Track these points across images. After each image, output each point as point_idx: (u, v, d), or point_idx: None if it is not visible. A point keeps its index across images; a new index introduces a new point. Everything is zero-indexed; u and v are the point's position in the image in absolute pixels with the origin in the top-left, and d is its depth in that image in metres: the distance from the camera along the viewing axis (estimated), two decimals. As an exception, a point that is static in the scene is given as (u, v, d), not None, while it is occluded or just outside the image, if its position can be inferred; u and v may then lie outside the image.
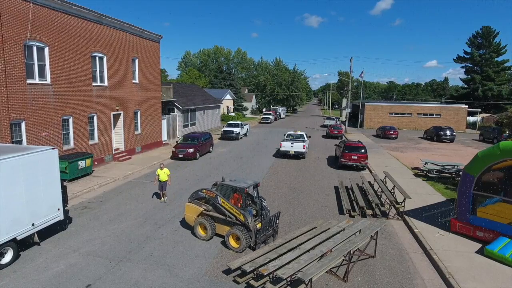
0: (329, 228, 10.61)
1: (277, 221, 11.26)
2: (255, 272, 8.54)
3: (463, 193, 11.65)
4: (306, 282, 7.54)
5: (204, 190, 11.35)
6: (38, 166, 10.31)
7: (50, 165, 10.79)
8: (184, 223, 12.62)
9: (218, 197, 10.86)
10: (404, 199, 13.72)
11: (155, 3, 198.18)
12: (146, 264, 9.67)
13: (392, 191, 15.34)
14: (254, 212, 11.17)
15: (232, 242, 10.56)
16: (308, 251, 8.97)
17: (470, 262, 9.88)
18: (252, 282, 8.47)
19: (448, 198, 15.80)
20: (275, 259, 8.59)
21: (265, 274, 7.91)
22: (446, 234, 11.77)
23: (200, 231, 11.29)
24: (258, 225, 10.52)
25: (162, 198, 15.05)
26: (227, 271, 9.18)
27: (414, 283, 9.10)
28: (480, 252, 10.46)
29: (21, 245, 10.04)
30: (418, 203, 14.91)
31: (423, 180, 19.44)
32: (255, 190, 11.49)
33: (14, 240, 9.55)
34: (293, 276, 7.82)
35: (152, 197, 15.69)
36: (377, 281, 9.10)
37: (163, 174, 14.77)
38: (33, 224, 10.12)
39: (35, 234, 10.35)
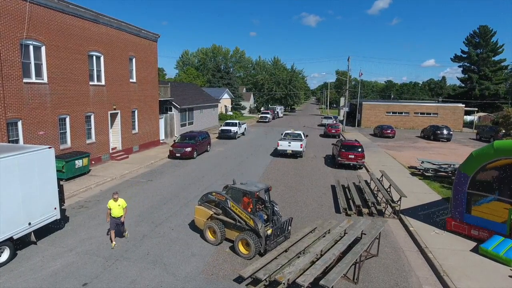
0: (329, 229, 10.59)
1: (289, 227, 10.89)
2: (267, 279, 8.06)
3: (458, 192, 11.74)
4: None
5: (214, 193, 10.95)
6: (34, 165, 10.32)
7: (46, 164, 10.79)
8: (181, 222, 12.67)
9: (228, 200, 10.50)
10: (400, 197, 13.81)
11: (153, 2, 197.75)
12: (143, 263, 9.70)
13: (388, 190, 15.42)
14: (265, 217, 10.83)
15: (241, 248, 10.17)
16: (320, 255, 8.81)
17: (465, 260, 9.97)
18: None
19: (444, 197, 15.89)
20: (288, 265, 8.28)
21: (283, 282, 7.54)
22: (442, 233, 11.85)
23: (209, 235, 10.94)
24: (269, 231, 10.10)
25: (114, 242, 10.62)
26: (238, 279, 8.88)
27: (409, 281, 9.17)
28: (474, 250, 10.54)
29: (17, 244, 10.07)
30: (414, 202, 14.99)
31: (419, 179, 19.53)
32: (267, 194, 11.05)
33: (10, 239, 9.57)
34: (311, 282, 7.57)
35: (149, 196, 15.71)
36: (373, 279, 9.17)
37: (117, 207, 10.63)
38: (29, 223, 10.13)
39: (32, 233, 10.36)
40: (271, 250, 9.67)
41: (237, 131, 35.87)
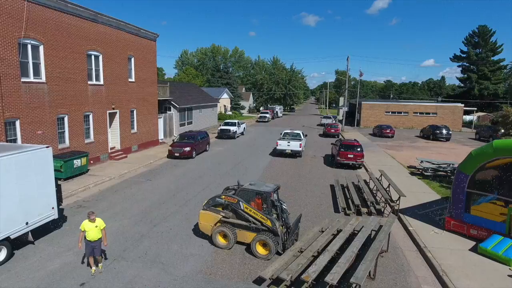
0: (339, 228, 10.69)
1: (299, 224, 10.95)
2: (289, 279, 8.05)
3: (457, 192, 11.71)
4: (361, 285, 7.40)
5: (223, 196, 10.59)
6: (31, 164, 10.27)
7: (44, 163, 10.75)
8: (180, 222, 12.64)
9: (240, 202, 10.26)
10: (399, 197, 13.80)
11: (152, 1, 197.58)
12: (141, 262, 9.66)
13: (387, 189, 15.41)
14: (275, 215, 10.78)
15: (259, 250, 10.07)
16: (336, 253, 8.95)
17: (464, 260, 9.95)
18: None
19: (443, 196, 15.87)
20: (310, 264, 8.34)
21: (308, 281, 7.58)
22: (441, 232, 11.83)
23: (220, 240, 10.58)
24: (282, 229, 10.24)
25: (93, 268, 9.06)
26: (258, 281, 8.84)
27: (408, 280, 9.15)
28: (473, 249, 10.52)
29: (15, 244, 10.01)
30: (413, 201, 14.97)
31: (418, 178, 19.51)
32: (276, 193, 11.04)
33: (7, 239, 9.51)
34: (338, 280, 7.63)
35: (148, 196, 15.67)
36: (371, 278, 9.13)
37: (94, 230, 8.84)
38: (26, 223, 10.08)
39: (29, 233, 10.31)
40: (289, 248, 9.77)
41: (236, 131, 35.85)
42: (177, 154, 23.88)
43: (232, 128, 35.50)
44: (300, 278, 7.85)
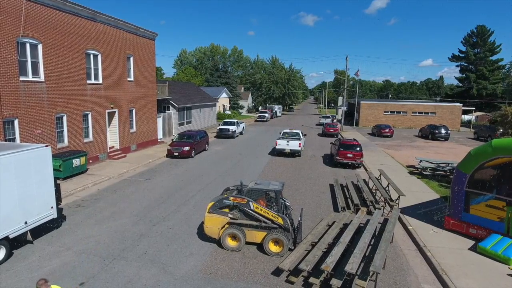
0: (346, 222, 11.08)
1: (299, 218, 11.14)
2: (307, 270, 8.49)
3: (456, 191, 11.72)
4: (379, 273, 7.99)
5: (231, 198, 10.42)
6: (30, 163, 10.23)
7: (43, 162, 10.71)
8: (179, 221, 12.61)
9: (250, 203, 10.22)
10: (399, 196, 13.82)
11: (151, 1, 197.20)
12: (140, 262, 9.64)
13: (387, 188, 15.42)
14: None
15: (272, 248, 10.14)
16: (347, 244, 9.33)
17: (463, 259, 9.96)
18: (313, 279, 8.37)
19: (442, 195, 15.90)
20: (325, 255, 8.75)
21: (328, 270, 8.02)
22: (440, 231, 11.85)
23: (230, 243, 10.42)
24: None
25: None
26: (276, 272, 9.13)
27: (407, 279, 9.15)
28: (473, 249, 10.54)
29: (14, 243, 9.98)
30: (412, 201, 14.99)
31: (417, 178, 19.53)
32: None
33: (6, 238, 9.47)
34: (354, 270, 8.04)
35: (147, 195, 15.63)
36: (371, 277, 9.12)
37: None
38: (25, 222, 10.05)
39: (28, 232, 10.27)
40: (299, 242, 10.10)
41: (235, 130, 35.83)
42: (176, 154, 23.85)
43: (231, 128, 35.48)
44: (320, 268, 8.33)
